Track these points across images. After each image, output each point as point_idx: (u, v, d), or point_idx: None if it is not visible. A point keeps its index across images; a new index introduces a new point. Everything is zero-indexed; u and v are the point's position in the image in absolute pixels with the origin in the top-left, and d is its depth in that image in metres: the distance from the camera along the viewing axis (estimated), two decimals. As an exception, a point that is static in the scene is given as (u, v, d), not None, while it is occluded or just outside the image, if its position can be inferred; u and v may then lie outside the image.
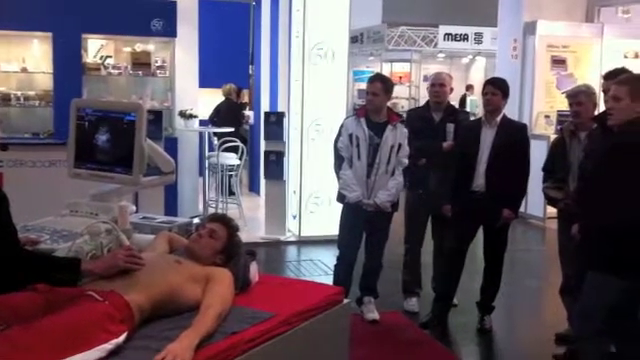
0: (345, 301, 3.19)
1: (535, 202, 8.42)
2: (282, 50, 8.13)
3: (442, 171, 4.98)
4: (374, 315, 4.95)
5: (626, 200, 3.31)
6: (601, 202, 3.47)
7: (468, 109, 14.44)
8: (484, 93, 4.85)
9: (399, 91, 14.91)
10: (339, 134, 4.92)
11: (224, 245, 2.99)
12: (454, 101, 15.68)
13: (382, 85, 4.81)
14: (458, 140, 4.99)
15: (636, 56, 9.78)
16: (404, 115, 5.82)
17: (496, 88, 4.77)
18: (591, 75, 9.26)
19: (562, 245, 4.59)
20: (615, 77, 3.84)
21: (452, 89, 5.29)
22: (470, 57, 16.49)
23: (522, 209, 9.07)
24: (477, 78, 15.63)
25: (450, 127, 5.06)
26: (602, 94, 4.42)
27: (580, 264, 3.93)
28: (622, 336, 3.73)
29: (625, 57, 9.57)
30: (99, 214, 3.24)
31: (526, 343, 5.00)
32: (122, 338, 2.32)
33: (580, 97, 4.48)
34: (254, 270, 3.13)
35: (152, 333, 2.46)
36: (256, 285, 3.11)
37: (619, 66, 4.63)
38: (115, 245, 2.95)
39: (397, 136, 4.79)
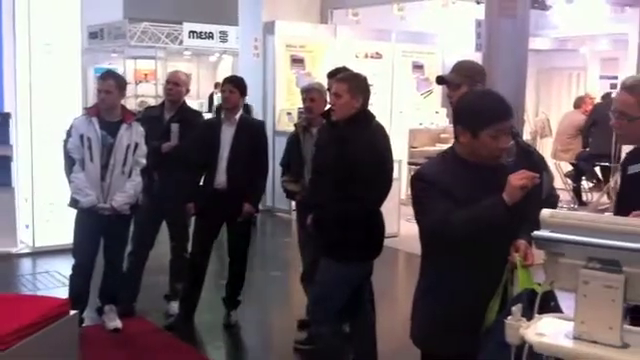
0: (72, 312, 3.00)
1: (281, 196, 8.69)
2: (7, 46, 7.43)
3: (167, 173, 4.90)
4: (116, 323, 4.75)
5: (350, 190, 3.53)
6: (329, 192, 3.67)
7: (216, 107, 14.54)
8: (222, 91, 4.94)
9: (145, 89, 14.55)
10: (68, 135, 4.64)
11: None
12: (203, 99, 15.78)
13: (115, 82, 4.64)
14: (188, 141, 4.93)
15: (366, 56, 10.54)
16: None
17: (234, 86, 4.87)
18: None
19: (301, 235, 4.80)
20: (336, 75, 4.09)
21: (188, 90, 5.26)
22: (217, 55, 16.63)
23: (270, 203, 9.41)
24: (225, 76, 15.72)
25: (175, 127, 4.98)
26: (328, 92, 4.69)
27: (314, 252, 4.14)
28: (353, 316, 3.99)
29: (356, 57, 10.25)
30: None
31: (272, 332, 5.17)
32: None
33: (313, 93, 4.72)
34: (-39, 290, 2.80)
35: None
36: (-34, 306, 2.79)
37: (349, 66, 4.94)
38: None
39: (133, 135, 4.63)
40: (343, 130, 3.69)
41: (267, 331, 5.24)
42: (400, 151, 8.39)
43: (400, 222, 7.73)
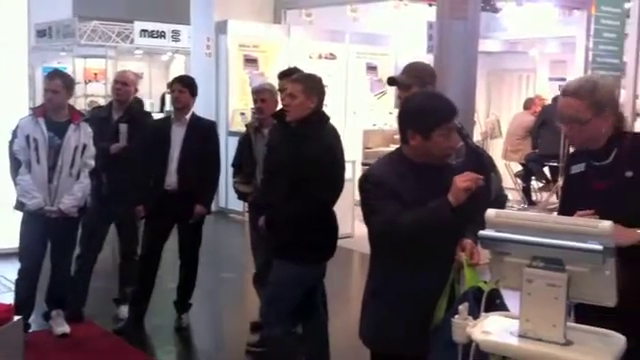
0: (16, 318, 2.92)
1: (234, 197, 8.64)
2: (-51, 44, 7.24)
3: (115, 175, 4.83)
4: (64, 329, 4.66)
5: (303, 190, 3.53)
6: (281, 193, 3.66)
7: (168, 107, 14.37)
8: (172, 91, 4.89)
9: (96, 89, 14.26)
10: (14, 136, 4.53)
11: None
12: (155, 99, 15.55)
13: (62, 81, 4.55)
14: (137, 141, 4.87)
15: (320, 57, 10.54)
16: None
17: (184, 86, 4.83)
18: (281, 74, 9.75)
19: (253, 236, 4.78)
20: (289, 76, 4.09)
21: (137, 89, 5.19)
22: (169, 55, 16.42)
23: (223, 204, 9.34)
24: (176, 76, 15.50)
25: (123, 128, 4.90)
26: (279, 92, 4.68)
27: (266, 253, 4.13)
28: (306, 318, 3.99)
29: (310, 57, 10.24)
30: None
31: (224, 335, 5.12)
32: None
33: (264, 94, 4.72)
34: None
35: None
36: None
37: (303, 66, 4.94)
38: None
39: (81, 136, 4.54)
40: (297, 130, 3.69)
41: (219, 334, 5.19)
42: (354, 152, 8.42)
43: (354, 223, 7.75)
